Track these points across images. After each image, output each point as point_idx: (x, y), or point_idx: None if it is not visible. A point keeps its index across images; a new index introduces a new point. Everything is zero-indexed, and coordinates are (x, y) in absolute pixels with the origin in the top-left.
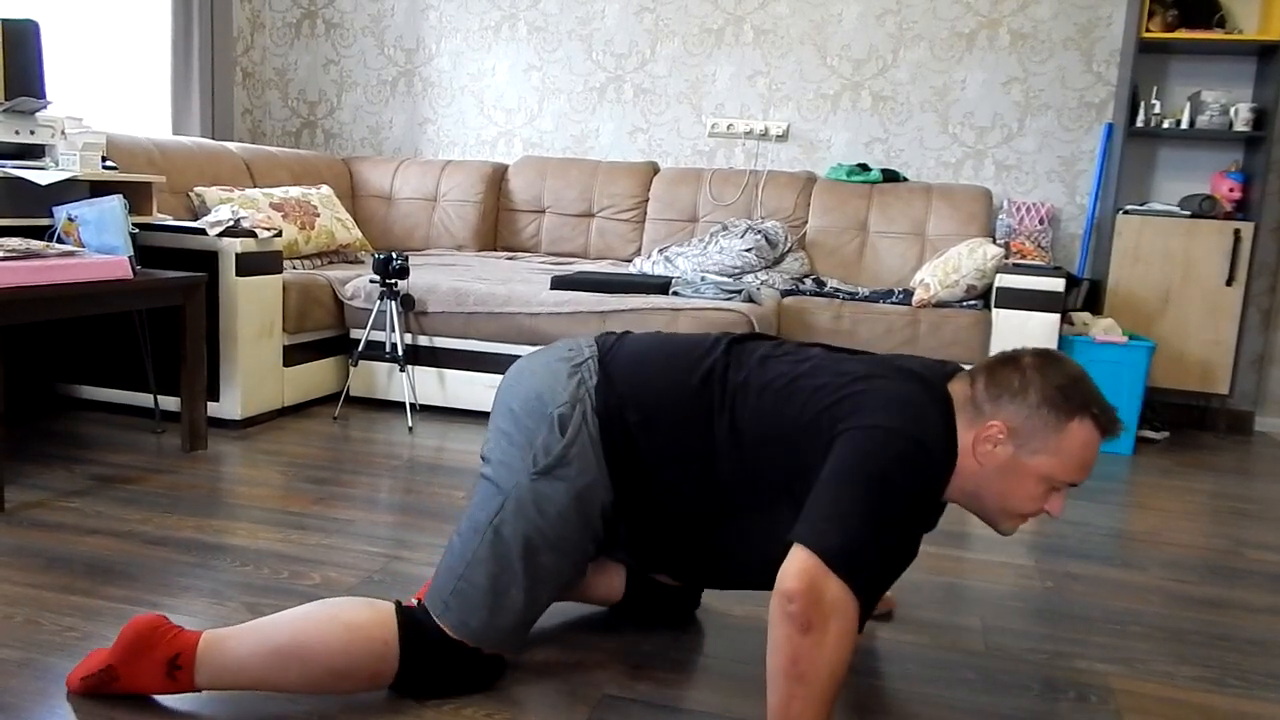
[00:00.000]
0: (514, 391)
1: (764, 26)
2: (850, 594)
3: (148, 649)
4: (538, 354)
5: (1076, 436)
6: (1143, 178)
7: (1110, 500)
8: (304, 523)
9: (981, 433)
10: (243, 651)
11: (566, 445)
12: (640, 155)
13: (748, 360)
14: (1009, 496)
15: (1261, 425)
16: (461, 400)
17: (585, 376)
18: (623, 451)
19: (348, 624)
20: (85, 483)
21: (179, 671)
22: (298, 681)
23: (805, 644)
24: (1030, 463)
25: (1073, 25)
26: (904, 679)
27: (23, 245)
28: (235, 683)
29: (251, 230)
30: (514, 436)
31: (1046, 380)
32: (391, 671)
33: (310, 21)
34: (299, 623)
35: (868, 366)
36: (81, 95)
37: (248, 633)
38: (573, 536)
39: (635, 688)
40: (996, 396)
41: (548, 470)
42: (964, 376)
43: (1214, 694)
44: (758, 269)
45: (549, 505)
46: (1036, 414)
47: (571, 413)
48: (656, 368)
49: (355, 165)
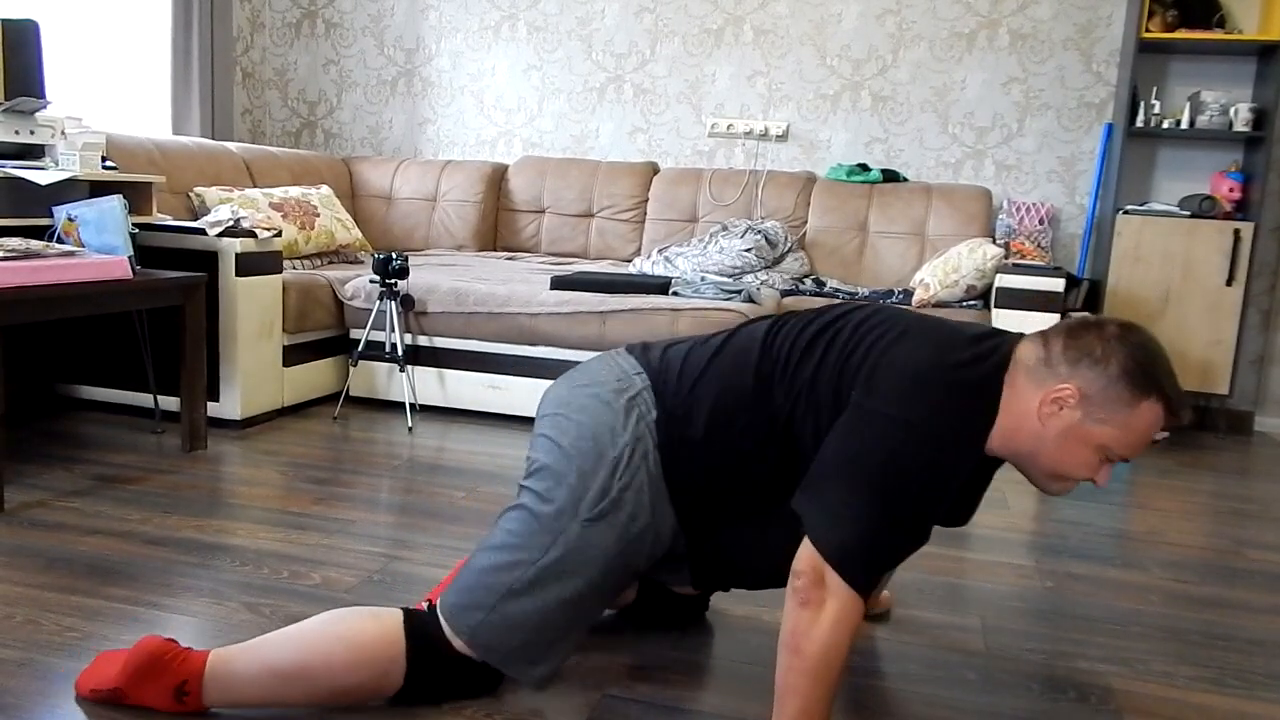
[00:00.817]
0: (563, 427)
1: (764, 26)
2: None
3: (155, 675)
4: (580, 382)
5: (1145, 416)
6: (1143, 178)
7: (1110, 500)
8: (304, 523)
9: (1051, 393)
10: (248, 675)
11: (622, 489)
12: (640, 155)
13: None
14: (1063, 461)
15: (1261, 425)
16: (461, 400)
17: (643, 411)
18: (689, 475)
19: (351, 643)
20: (85, 483)
21: (187, 697)
22: (302, 701)
23: (803, 617)
24: (1093, 431)
25: (1073, 25)
26: (904, 679)
27: (23, 245)
28: (241, 703)
29: (251, 230)
30: (564, 476)
31: (1130, 353)
32: (396, 685)
33: (310, 21)
34: (303, 643)
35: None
36: (81, 95)
37: (252, 654)
38: (614, 577)
39: (635, 688)
40: (1076, 360)
41: (601, 516)
42: (1036, 337)
43: (1214, 694)
44: (758, 269)
45: (596, 552)
46: (1113, 386)
47: (632, 455)
48: (709, 378)
49: (355, 165)
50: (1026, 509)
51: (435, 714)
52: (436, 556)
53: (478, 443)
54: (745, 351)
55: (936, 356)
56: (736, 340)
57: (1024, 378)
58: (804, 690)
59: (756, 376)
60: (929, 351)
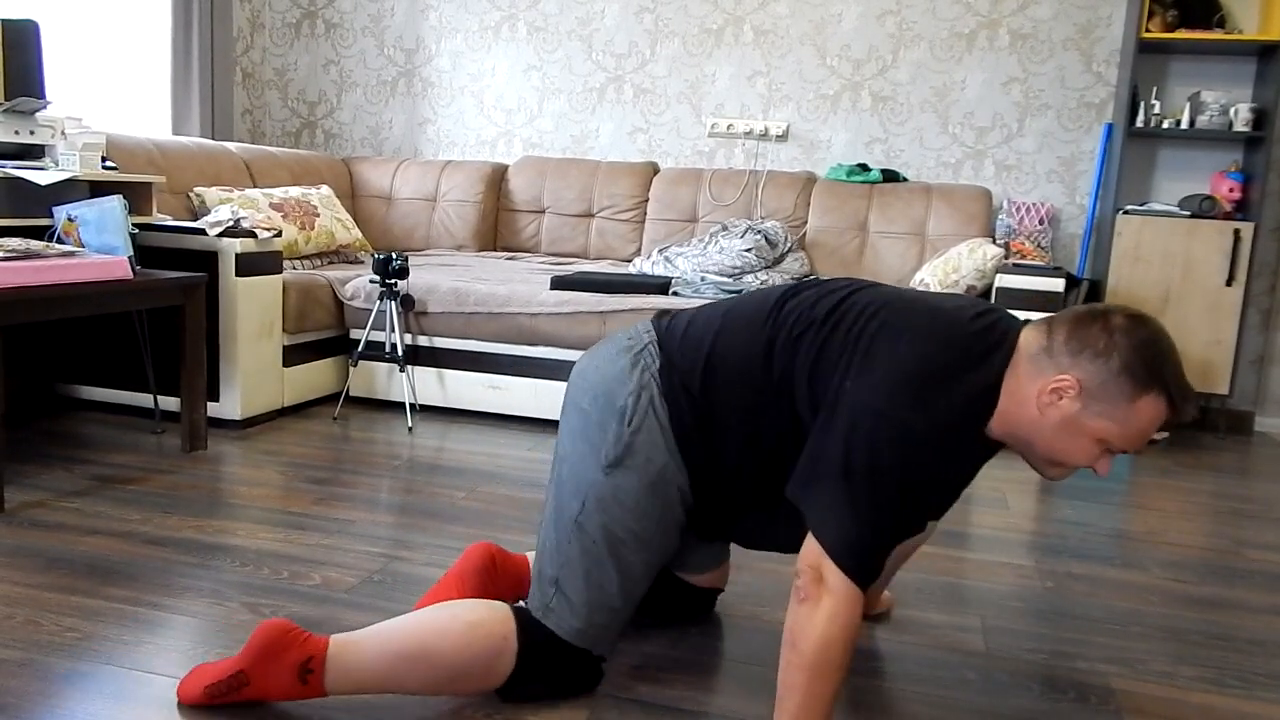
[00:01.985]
0: (583, 389)
1: (764, 27)
2: (844, 578)
3: (280, 653)
4: (599, 347)
5: (1146, 411)
6: (1143, 178)
7: (1110, 500)
8: (304, 523)
9: (1050, 384)
10: (369, 655)
11: (633, 433)
12: (640, 155)
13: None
14: (1061, 449)
15: (1261, 425)
16: (461, 400)
17: (648, 362)
18: (693, 426)
19: (469, 622)
20: (85, 483)
21: (310, 675)
22: (420, 683)
23: (800, 612)
24: (1091, 423)
25: (1073, 25)
26: (904, 679)
27: (23, 245)
28: (361, 686)
29: (251, 230)
30: (587, 434)
31: (1134, 347)
32: (508, 669)
33: (310, 22)
34: (423, 624)
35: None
36: (81, 95)
37: (373, 637)
38: (654, 525)
39: (635, 688)
40: (1078, 351)
41: (618, 462)
42: (1041, 324)
43: (1214, 694)
44: (758, 269)
45: (626, 496)
46: (1114, 379)
47: (637, 402)
48: (714, 333)
49: (355, 165)
50: (1026, 509)
51: (436, 714)
52: (436, 557)
53: (478, 443)
54: (755, 313)
55: (937, 352)
56: (749, 301)
57: (1026, 365)
58: (803, 686)
59: (761, 339)
60: (930, 347)
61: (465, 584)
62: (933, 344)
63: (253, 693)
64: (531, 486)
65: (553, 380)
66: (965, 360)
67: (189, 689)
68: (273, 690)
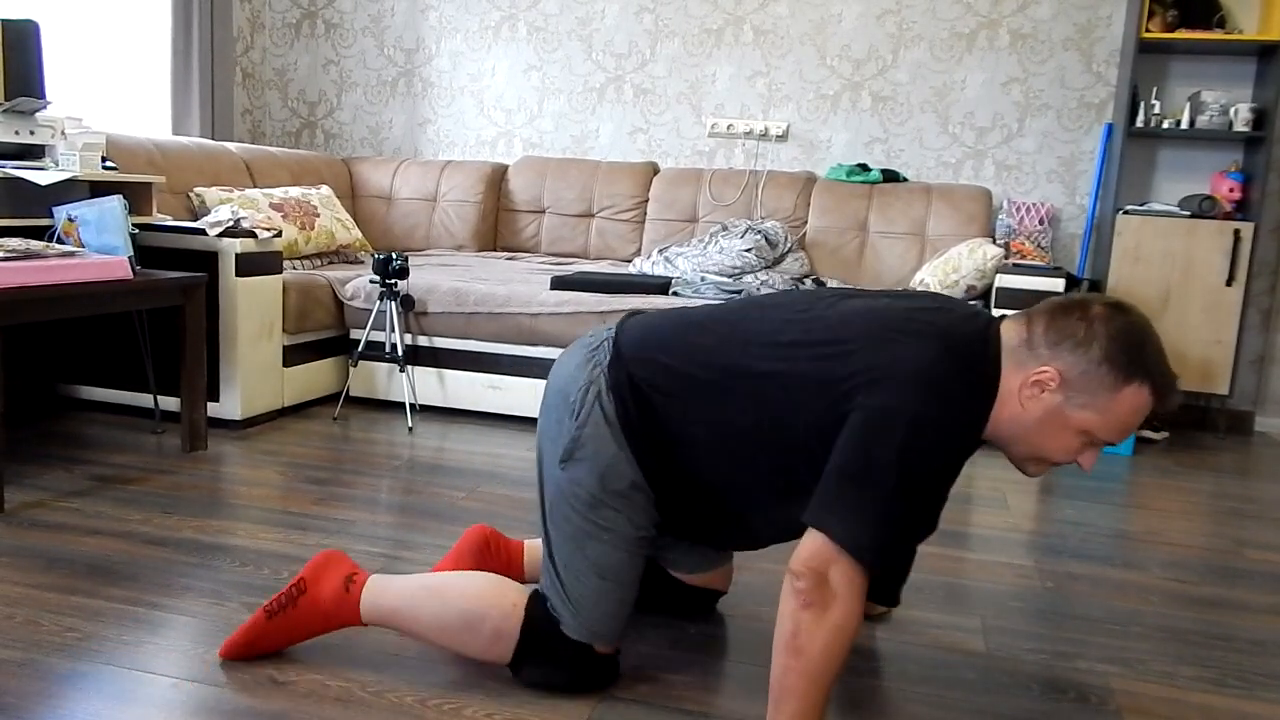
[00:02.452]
0: (550, 388)
1: (764, 27)
2: (855, 579)
3: (334, 564)
4: (570, 347)
5: (1128, 401)
6: (1143, 178)
7: (1110, 500)
8: (304, 523)
9: (1031, 376)
10: (397, 585)
11: (579, 427)
12: (640, 155)
13: (757, 310)
14: (1043, 445)
15: (1261, 425)
16: (461, 400)
17: (600, 358)
18: (640, 421)
19: (490, 579)
20: (85, 483)
21: (353, 585)
22: (431, 618)
23: (806, 618)
24: (1074, 415)
25: (1073, 25)
26: (904, 679)
27: (23, 245)
28: (388, 608)
29: (251, 230)
30: (549, 431)
31: (1114, 336)
32: (511, 638)
33: (310, 22)
34: (449, 574)
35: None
36: (81, 95)
37: (405, 577)
38: (615, 516)
39: (635, 688)
40: (1056, 343)
41: (569, 456)
42: (1020, 317)
43: (1214, 694)
44: (758, 269)
45: (581, 489)
46: (1095, 370)
47: (584, 396)
48: (667, 329)
49: (355, 165)
50: (1026, 509)
51: (437, 715)
52: (437, 557)
53: (478, 443)
54: (723, 316)
55: (943, 352)
56: (717, 307)
57: (1007, 360)
58: (803, 692)
59: (731, 340)
60: (936, 348)
61: (460, 563)
62: (938, 342)
63: (307, 602)
64: (531, 486)
65: None
66: (971, 357)
67: (236, 636)
68: (324, 593)
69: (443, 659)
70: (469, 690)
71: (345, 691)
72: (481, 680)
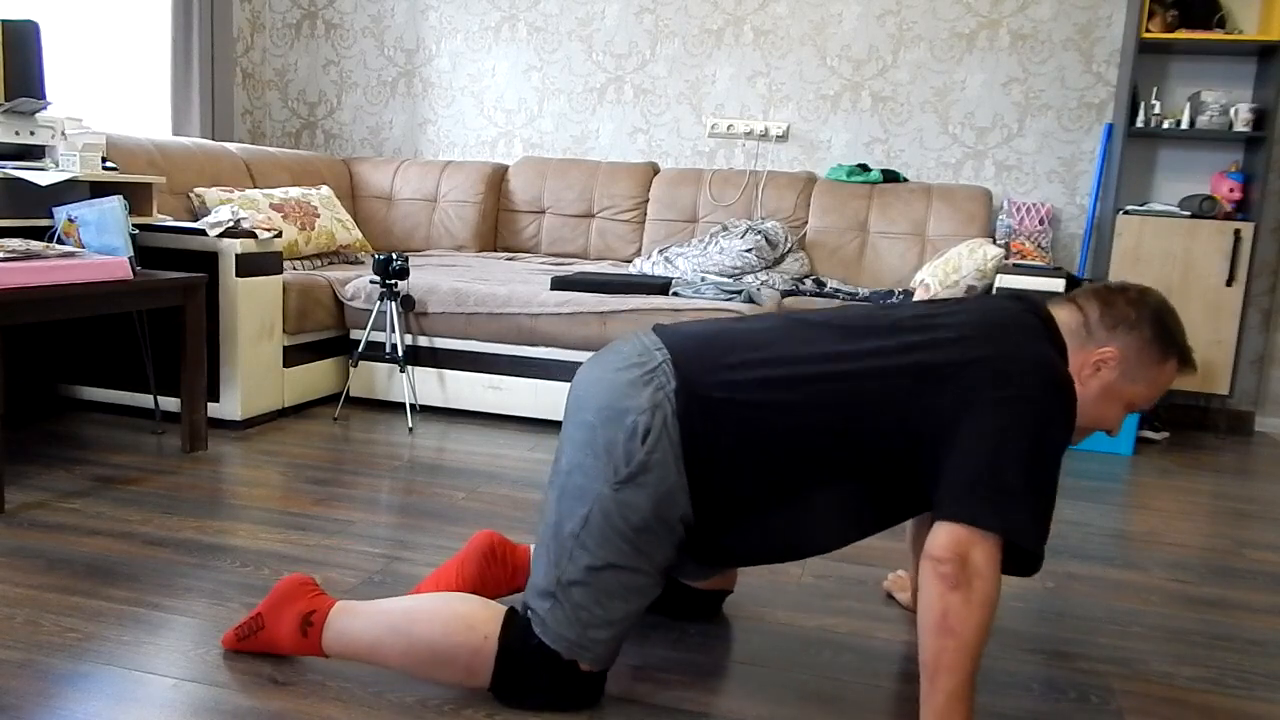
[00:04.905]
0: (587, 402)
1: (764, 27)
2: (995, 558)
3: (291, 600)
4: (604, 359)
5: (1170, 371)
6: (1143, 178)
7: (1110, 500)
8: (304, 523)
9: (1093, 357)
10: (362, 622)
11: (649, 452)
12: (640, 156)
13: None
14: (1096, 416)
15: (1261, 425)
16: (462, 401)
17: (662, 381)
18: (703, 449)
19: (455, 612)
20: (86, 484)
21: (310, 629)
22: (400, 658)
23: (955, 600)
24: (1127, 389)
25: (1073, 25)
26: (904, 679)
27: (23, 246)
28: (351, 650)
29: (251, 231)
30: (593, 447)
31: (1156, 316)
32: (486, 669)
33: (310, 22)
34: (416, 605)
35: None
36: (81, 95)
37: (371, 606)
38: (655, 544)
39: (635, 689)
40: (1113, 326)
41: (630, 479)
42: (1066, 303)
43: (1214, 694)
44: (758, 269)
45: (632, 514)
46: (1147, 348)
47: (652, 420)
48: (720, 342)
49: (355, 166)
50: None
51: (437, 715)
52: (437, 557)
53: (478, 443)
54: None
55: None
56: (760, 319)
57: (1066, 341)
58: (960, 667)
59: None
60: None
61: (464, 570)
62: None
63: (266, 637)
64: (531, 487)
65: (553, 381)
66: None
67: (228, 635)
68: (279, 636)
69: None
70: (469, 691)
71: (345, 692)
72: None
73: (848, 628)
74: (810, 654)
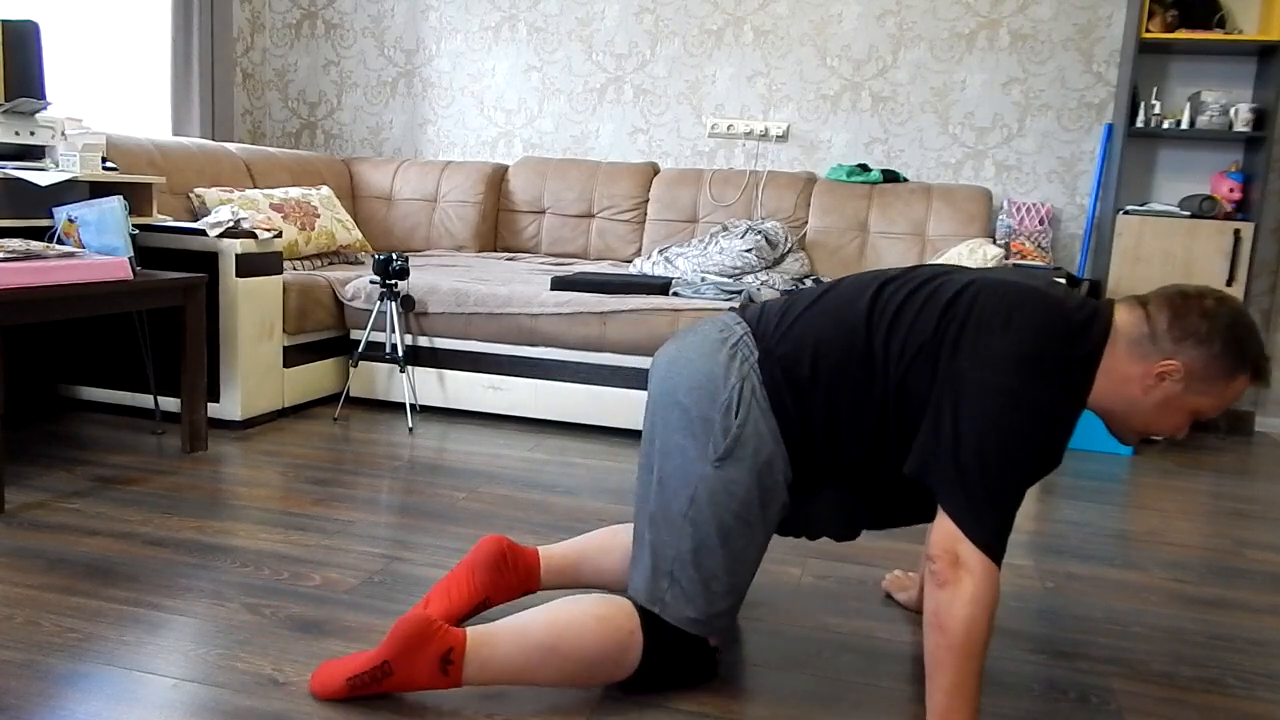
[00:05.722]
0: (676, 382)
1: (764, 27)
2: (983, 555)
3: (423, 644)
4: (684, 340)
5: (1239, 387)
6: (1143, 178)
7: (1110, 500)
8: (304, 524)
9: (1156, 368)
10: (506, 648)
11: (740, 425)
12: (640, 156)
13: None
14: (1156, 424)
15: (1261, 425)
16: (462, 401)
17: (745, 354)
18: (795, 414)
19: (598, 616)
20: (86, 484)
21: (450, 666)
22: (553, 675)
23: (943, 597)
24: (1191, 401)
25: (1073, 25)
26: (904, 679)
27: (23, 246)
28: (498, 678)
29: (252, 231)
30: (689, 428)
31: (1229, 330)
32: (635, 660)
33: (310, 22)
34: (556, 619)
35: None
36: (81, 96)
37: (509, 630)
38: (762, 511)
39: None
40: (1181, 339)
41: (728, 454)
42: (1134, 305)
43: (1214, 694)
44: (758, 269)
45: (736, 488)
46: (1215, 362)
47: (740, 394)
48: (811, 320)
49: (355, 166)
50: (1026, 509)
51: (436, 715)
52: (437, 557)
53: (478, 443)
54: (851, 298)
55: (1049, 326)
56: (840, 288)
57: (1125, 346)
58: (952, 664)
59: (863, 321)
60: (1042, 321)
61: (475, 578)
62: (1044, 319)
63: (395, 683)
64: (531, 487)
65: (553, 381)
66: (1070, 335)
67: (327, 682)
68: (416, 679)
69: None
70: (469, 690)
71: None
72: None
73: (848, 628)
74: (810, 654)
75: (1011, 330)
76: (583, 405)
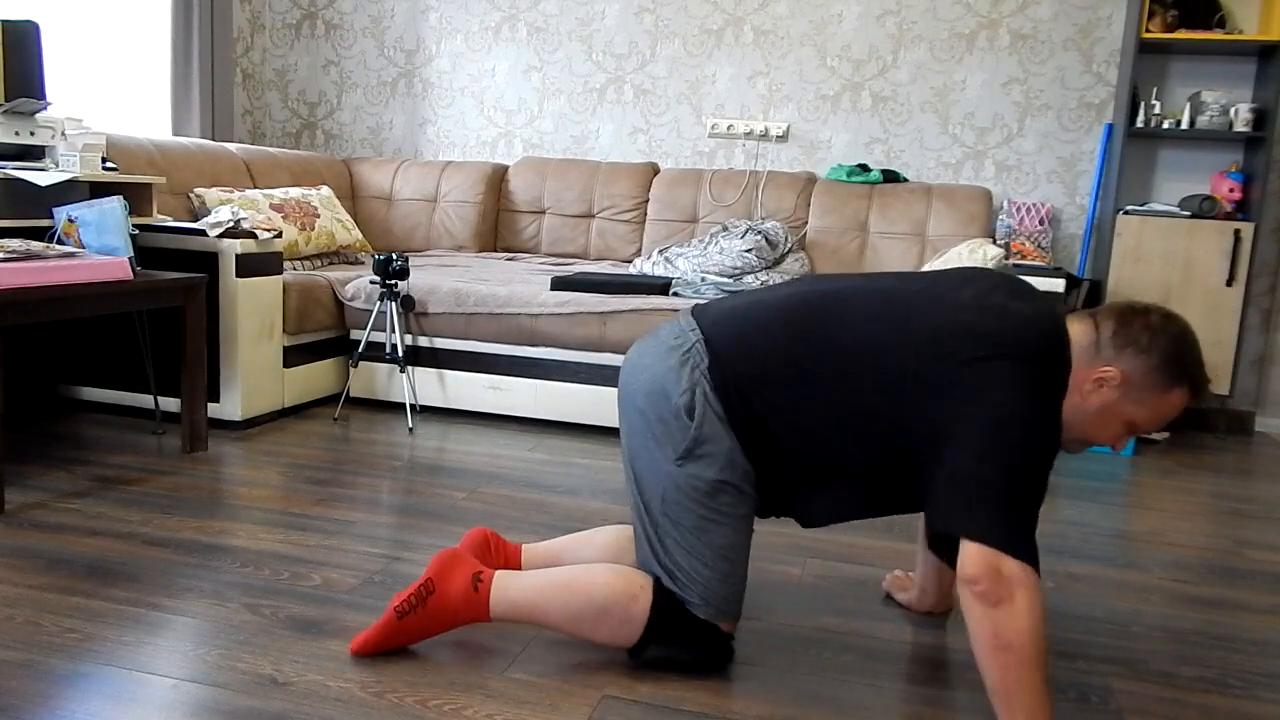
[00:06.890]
0: (635, 387)
1: (764, 27)
2: (1024, 565)
3: (458, 564)
4: (646, 345)
5: (1175, 400)
6: (1143, 178)
7: (1111, 500)
8: (304, 524)
9: (1095, 374)
10: (526, 580)
11: (698, 428)
12: (640, 156)
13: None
14: (1095, 432)
15: (1261, 425)
16: (462, 401)
17: (696, 360)
18: (744, 414)
19: (611, 567)
20: (86, 484)
21: (480, 584)
22: (562, 610)
23: (1000, 616)
24: (1127, 410)
25: (1073, 25)
26: (904, 679)
27: (23, 246)
28: (516, 609)
29: (252, 231)
30: (650, 431)
31: (1170, 344)
32: (640, 621)
33: (310, 22)
34: (573, 565)
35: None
36: (81, 96)
37: (530, 571)
38: (732, 502)
39: (636, 688)
40: (1122, 347)
41: (688, 454)
42: (1084, 317)
43: (1214, 694)
44: (758, 269)
45: (702, 483)
46: (1153, 373)
47: (693, 399)
48: (753, 320)
49: (355, 166)
50: None
51: (437, 715)
52: None
53: (478, 443)
54: (807, 300)
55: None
56: (794, 289)
57: (1076, 355)
58: (1029, 681)
59: (814, 324)
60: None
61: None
62: (1032, 332)
63: (436, 602)
64: (531, 487)
65: (553, 381)
66: (1052, 352)
67: (367, 635)
68: (452, 596)
69: (442, 659)
70: (469, 690)
71: (345, 692)
72: (482, 680)
73: (848, 628)
74: (810, 654)
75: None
76: (583, 405)
